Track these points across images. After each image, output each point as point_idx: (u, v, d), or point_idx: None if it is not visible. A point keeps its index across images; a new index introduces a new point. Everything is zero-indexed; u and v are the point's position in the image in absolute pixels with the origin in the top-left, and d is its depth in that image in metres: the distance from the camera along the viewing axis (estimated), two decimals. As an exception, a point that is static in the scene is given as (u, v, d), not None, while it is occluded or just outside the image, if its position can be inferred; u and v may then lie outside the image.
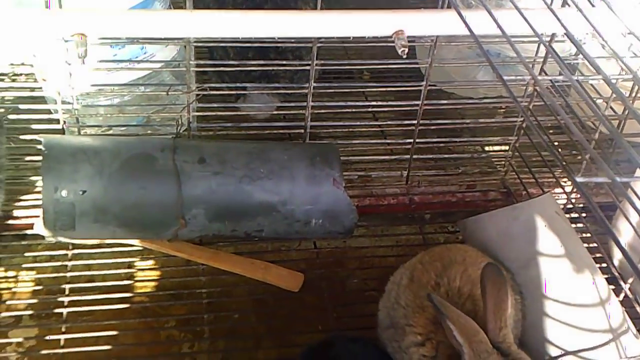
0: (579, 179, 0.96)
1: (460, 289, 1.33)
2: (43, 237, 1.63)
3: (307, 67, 1.75)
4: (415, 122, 1.91)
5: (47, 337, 1.56)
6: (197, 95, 1.76)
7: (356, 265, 1.87)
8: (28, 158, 1.83)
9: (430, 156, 2.06)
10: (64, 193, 1.53)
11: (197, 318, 1.66)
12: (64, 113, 1.70)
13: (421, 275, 1.38)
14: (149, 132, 1.89)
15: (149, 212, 1.60)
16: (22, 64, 2.19)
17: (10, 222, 1.78)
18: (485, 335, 1.18)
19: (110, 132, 1.83)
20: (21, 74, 2.23)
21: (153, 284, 1.75)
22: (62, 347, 1.54)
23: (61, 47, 1.57)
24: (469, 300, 1.31)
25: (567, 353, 1.37)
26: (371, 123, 2.12)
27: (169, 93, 1.72)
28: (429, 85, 1.84)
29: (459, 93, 2.31)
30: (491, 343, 1.17)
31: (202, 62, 1.77)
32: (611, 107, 1.86)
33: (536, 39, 1.16)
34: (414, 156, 1.98)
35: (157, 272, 1.77)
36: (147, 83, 1.84)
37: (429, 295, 1.22)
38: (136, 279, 1.74)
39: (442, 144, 2.05)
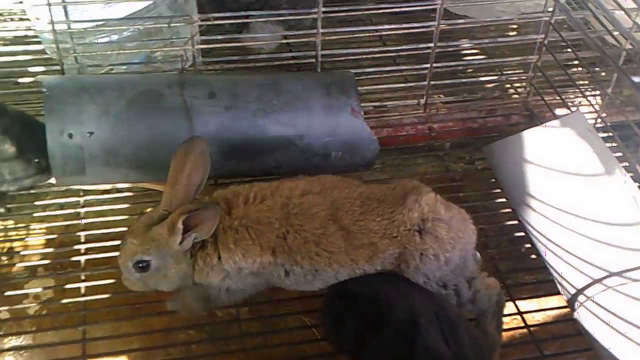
0: (636, 79, 0.88)
1: None
2: (52, 185, 1.56)
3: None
4: (431, 45, 1.80)
5: (66, 286, 1.51)
6: (201, 26, 1.65)
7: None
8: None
9: (448, 81, 1.95)
10: (70, 135, 1.44)
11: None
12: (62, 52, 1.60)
13: None
14: (151, 70, 1.79)
15: (161, 151, 1.50)
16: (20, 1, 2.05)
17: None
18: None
19: (113, 72, 1.74)
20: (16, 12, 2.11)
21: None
22: (84, 295, 1.49)
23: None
24: None
25: (611, 274, 1.31)
26: (384, 49, 2.00)
27: (171, 25, 1.61)
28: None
29: (472, 15, 2.19)
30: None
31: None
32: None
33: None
34: (431, 82, 1.88)
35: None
36: (146, 16, 1.73)
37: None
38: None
39: (460, 67, 1.94)
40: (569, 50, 1.87)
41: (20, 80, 1.70)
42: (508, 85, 2.09)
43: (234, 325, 1.52)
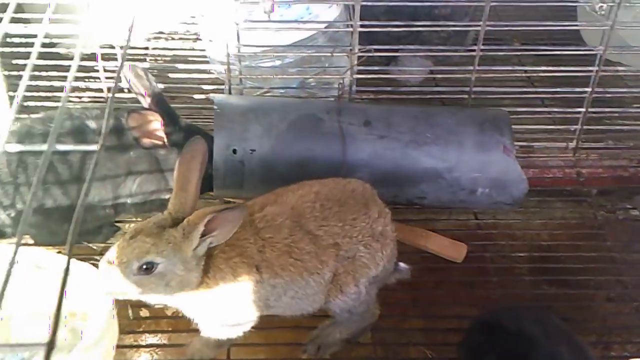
0: None
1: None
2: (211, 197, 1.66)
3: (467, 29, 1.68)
4: (588, 89, 1.77)
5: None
6: (360, 57, 1.72)
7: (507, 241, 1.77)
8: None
9: (601, 127, 1.90)
10: (234, 151, 1.54)
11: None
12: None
13: None
14: (306, 95, 1.88)
15: (313, 172, 1.56)
16: (184, 23, 2.22)
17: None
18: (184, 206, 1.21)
19: (269, 94, 1.84)
20: (176, 32, 2.28)
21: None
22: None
23: (231, 7, 1.58)
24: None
25: None
26: (536, 89, 1.99)
27: (334, 54, 1.69)
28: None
29: (627, 63, 2.12)
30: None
31: (368, 22, 1.71)
32: None
33: None
34: (584, 127, 1.84)
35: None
36: (307, 45, 1.82)
37: None
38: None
39: (616, 114, 1.89)
40: None
41: (193, 96, 1.83)
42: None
43: (357, 348, 1.53)
